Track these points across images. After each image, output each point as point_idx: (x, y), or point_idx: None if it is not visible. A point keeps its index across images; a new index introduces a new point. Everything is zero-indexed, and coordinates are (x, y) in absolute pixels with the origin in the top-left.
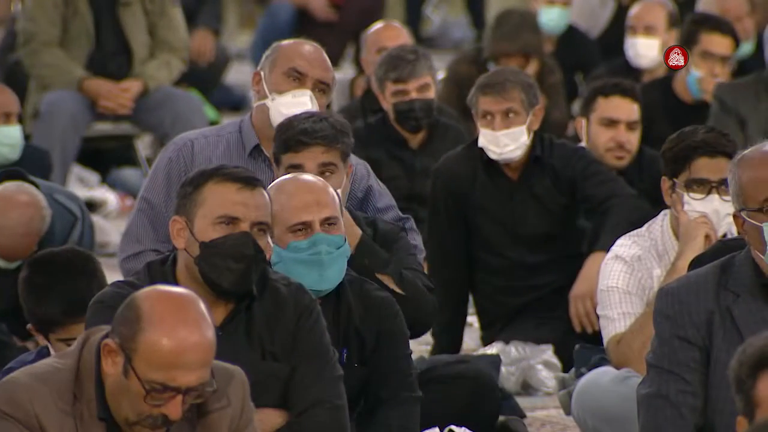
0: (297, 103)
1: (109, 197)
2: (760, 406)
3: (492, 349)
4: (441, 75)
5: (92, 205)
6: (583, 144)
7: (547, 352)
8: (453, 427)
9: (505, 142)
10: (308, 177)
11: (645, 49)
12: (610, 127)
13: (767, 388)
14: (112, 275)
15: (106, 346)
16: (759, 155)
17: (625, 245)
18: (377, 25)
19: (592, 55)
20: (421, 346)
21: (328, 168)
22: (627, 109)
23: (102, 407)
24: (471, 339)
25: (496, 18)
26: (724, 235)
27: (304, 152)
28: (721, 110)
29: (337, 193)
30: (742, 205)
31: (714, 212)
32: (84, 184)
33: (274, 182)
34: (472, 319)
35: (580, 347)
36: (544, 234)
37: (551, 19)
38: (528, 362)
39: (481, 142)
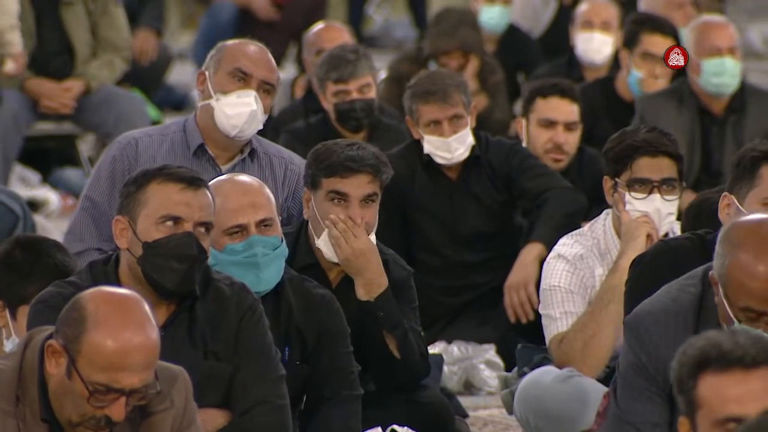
0: (241, 103)
1: (51, 197)
2: (702, 406)
3: (434, 349)
4: (383, 74)
5: (34, 205)
6: (524, 144)
7: (490, 352)
8: (395, 426)
9: (456, 146)
10: (244, 178)
11: (601, 45)
12: (549, 128)
13: (707, 388)
14: None
15: (50, 347)
16: (753, 252)
17: (567, 244)
18: (318, 26)
19: (534, 55)
20: None
21: (371, 198)
22: (565, 109)
23: (45, 408)
24: None
25: (435, 16)
26: (666, 235)
27: (351, 179)
28: (641, 124)
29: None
30: (723, 288)
31: (655, 212)
32: (26, 184)
33: (209, 183)
34: None
35: (523, 346)
36: (483, 232)
37: (492, 17)
38: (470, 362)
39: (428, 149)
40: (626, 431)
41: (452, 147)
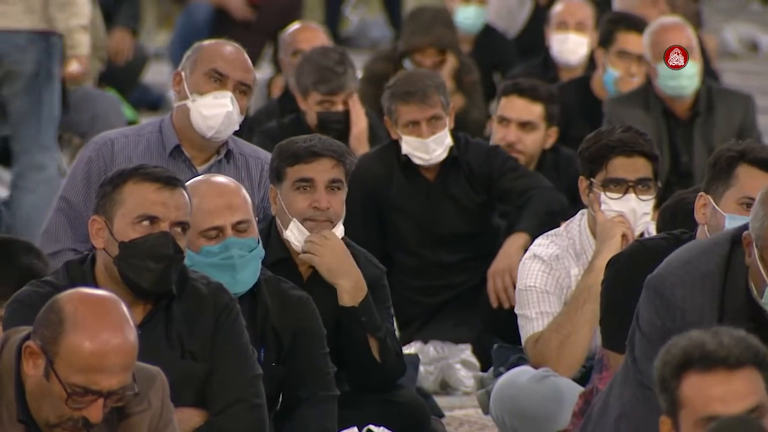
0: (218, 104)
1: None
2: (685, 406)
3: (410, 349)
4: (359, 75)
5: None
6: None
7: (466, 352)
8: (372, 426)
9: (434, 147)
10: (220, 179)
11: (576, 45)
12: (504, 126)
13: (690, 388)
14: None
15: (28, 348)
16: None
17: (543, 244)
18: (294, 26)
19: (510, 55)
20: None
21: (336, 184)
22: (520, 108)
23: (22, 409)
24: None
25: (410, 14)
26: (641, 235)
27: (315, 163)
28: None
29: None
30: (759, 249)
31: (631, 211)
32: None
33: (185, 184)
34: None
35: (499, 347)
36: (461, 233)
37: (468, 17)
38: (446, 361)
39: (406, 149)
40: (649, 397)
41: (430, 148)
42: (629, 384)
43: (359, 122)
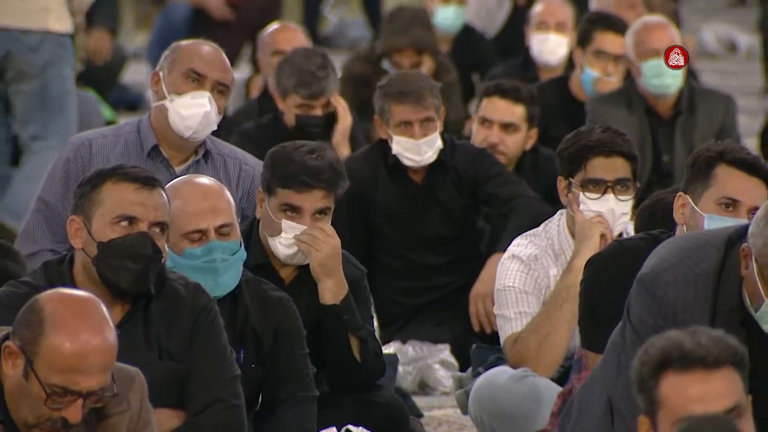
0: (196, 104)
1: None
2: (663, 406)
3: (389, 349)
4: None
5: None
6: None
7: (444, 352)
8: (350, 426)
9: (425, 149)
10: (204, 180)
11: (556, 46)
12: (486, 127)
13: (668, 388)
14: None
15: (7, 348)
16: None
17: (521, 245)
18: (273, 26)
19: (489, 55)
20: None
21: (323, 211)
22: (502, 110)
23: (1, 409)
24: None
25: (389, 14)
26: (620, 235)
27: (306, 194)
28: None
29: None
30: (760, 266)
31: (610, 212)
32: None
33: (169, 184)
34: None
35: (477, 347)
36: (446, 236)
37: (447, 17)
38: (425, 362)
39: (396, 149)
40: None
41: (422, 149)
42: (622, 379)
43: (345, 118)
